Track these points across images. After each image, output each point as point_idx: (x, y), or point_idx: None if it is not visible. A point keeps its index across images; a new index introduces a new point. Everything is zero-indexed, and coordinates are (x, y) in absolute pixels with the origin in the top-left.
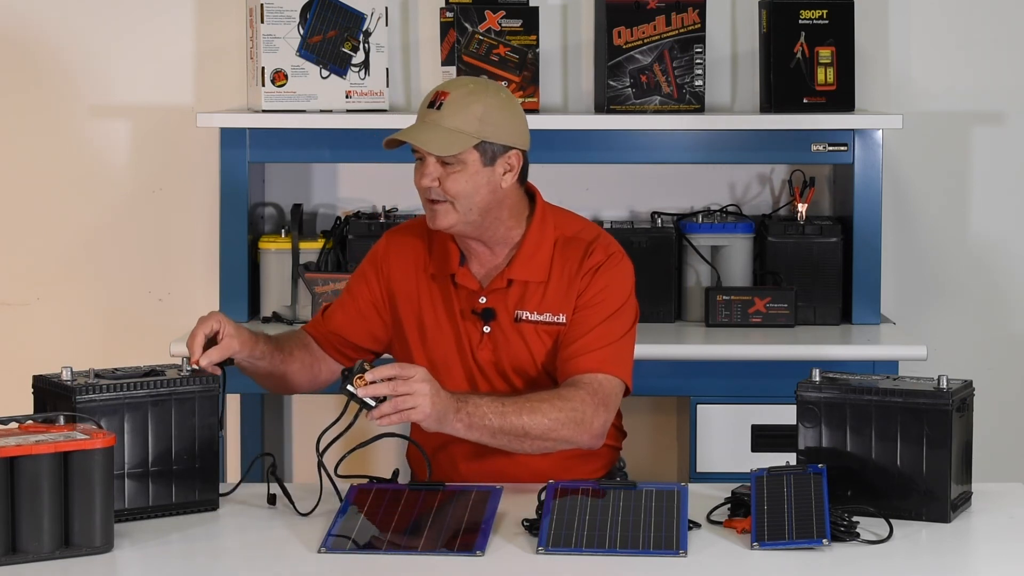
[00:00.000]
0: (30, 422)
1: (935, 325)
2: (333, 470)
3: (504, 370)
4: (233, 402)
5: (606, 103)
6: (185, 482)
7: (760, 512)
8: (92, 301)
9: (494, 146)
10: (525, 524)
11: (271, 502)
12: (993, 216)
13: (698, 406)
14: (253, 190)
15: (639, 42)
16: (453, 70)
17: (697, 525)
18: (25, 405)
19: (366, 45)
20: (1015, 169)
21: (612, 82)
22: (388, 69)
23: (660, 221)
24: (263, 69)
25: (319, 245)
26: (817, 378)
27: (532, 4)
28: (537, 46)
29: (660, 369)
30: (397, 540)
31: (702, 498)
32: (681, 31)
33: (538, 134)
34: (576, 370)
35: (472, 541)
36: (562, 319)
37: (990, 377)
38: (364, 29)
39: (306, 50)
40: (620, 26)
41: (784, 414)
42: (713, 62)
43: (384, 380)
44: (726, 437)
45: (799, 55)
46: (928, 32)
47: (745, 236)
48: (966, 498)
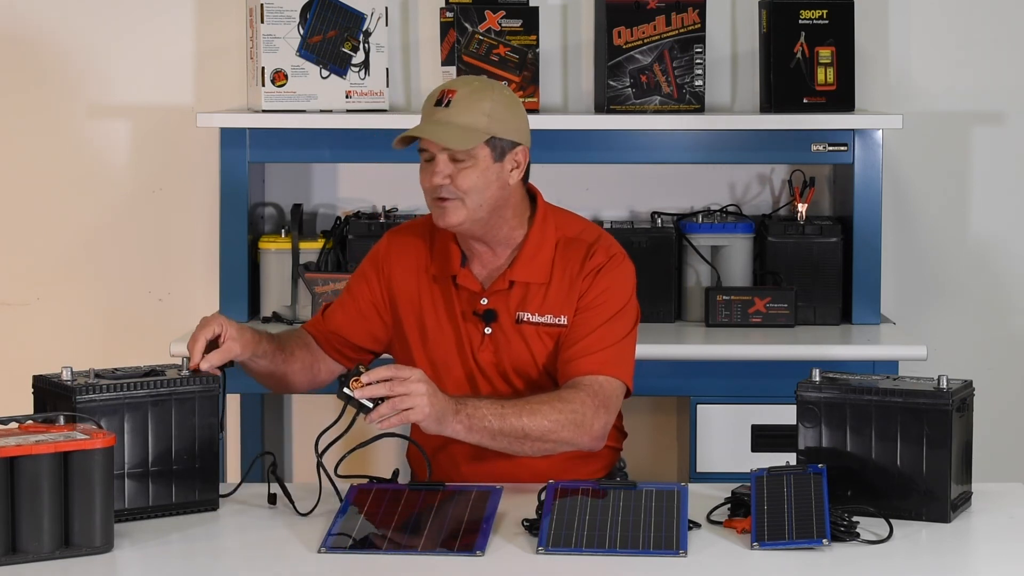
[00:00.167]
0: (30, 422)
1: (935, 325)
2: (333, 470)
3: (505, 371)
4: (233, 402)
5: (606, 103)
6: (185, 482)
7: (760, 512)
8: (92, 301)
9: (503, 142)
10: (525, 524)
11: (271, 501)
12: (993, 216)
13: (698, 406)
14: (253, 190)
15: (639, 42)
16: (453, 70)
17: (697, 525)
18: (25, 405)
19: (366, 45)
20: (1015, 169)
21: (612, 82)
22: (388, 69)
23: (660, 221)
24: (263, 69)
25: (319, 245)
26: (817, 378)
27: (532, 4)
28: (537, 46)
29: (660, 369)
30: (397, 540)
31: (702, 498)
32: (681, 31)
33: (538, 134)
34: (577, 372)
35: (472, 541)
36: (563, 321)
37: (990, 377)
38: (364, 29)
39: (306, 50)
40: (620, 26)
41: (784, 414)
42: (713, 62)
43: (381, 381)
44: (726, 437)
45: (799, 55)
46: (928, 32)
47: (745, 236)
48: (966, 498)
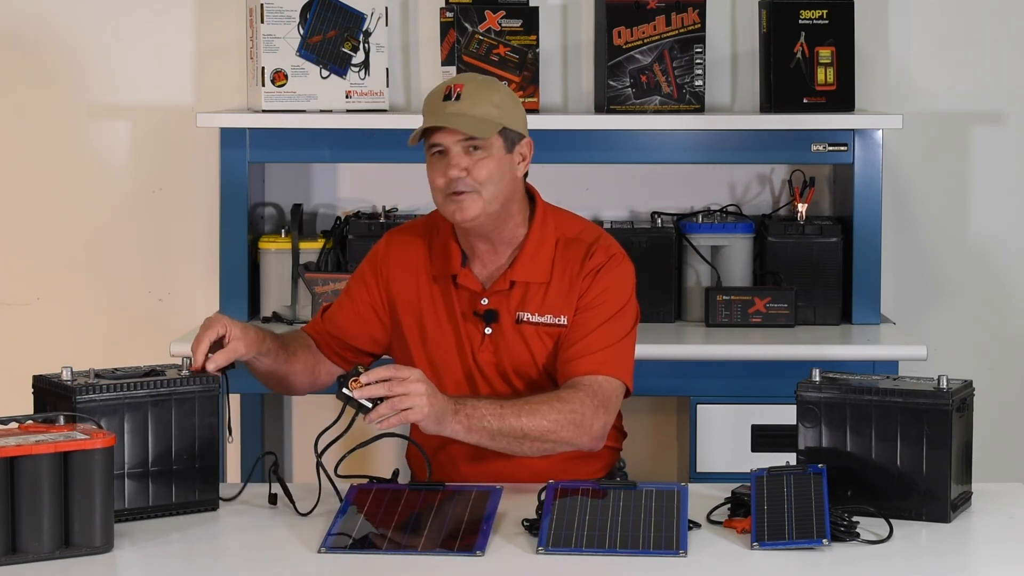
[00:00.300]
0: (30, 422)
1: (935, 325)
2: (333, 470)
3: (505, 372)
4: (233, 402)
5: (606, 103)
6: (185, 482)
7: (760, 512)
8: (92, 301)
9: (512, 133)
10: (525, 524)
11: (272, 501)
12: (993, 216)
13: (698, 406)
14: (253, 190)
15: (639, 42)
16: (453, 70)
17: (697, 525)
18: (25, 405)
19: (366, 45)
20: (1015, 169)
21: (612, 82)
22: (388, 69)
23: (660, 221)
24: (263, 69)
25: (319, 245)
26: (817, 378)
27: (532, 4)
28: (537, 46)
29: (660, 369)
30: (397, 540)
31: (702, 498)
32: (681, 31)
33: (538, 134)
34: (576, 372)
35: (472, 541)
36: (563, 321)
37: (990, 377)
38: (364, 29)
39: (306, 50)
40: (620, 26)
41: (784, 414)
42: (713, 62)
43: (380, 382)
44: (726, 437)
45: (799, 55)
46: (928, 32)
47: (745, 236)
48: (966, 498)
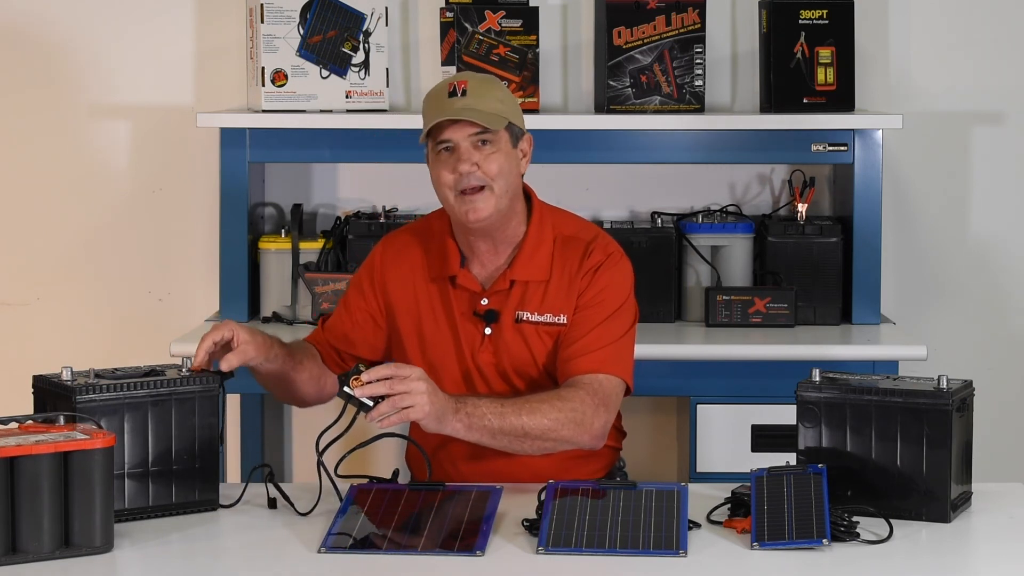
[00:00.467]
0: (30, 422)
1: (935, 325)
2: (333, 470)
3: (504, 371)
4: (233, 402)
5: (606, 103)
6: (185, 482)
7: (760, 512)
8: (92, 301)
9: (516, 128)
10: (525, 524)
11: (272, 506)
12: (993, 216)
13: (698, 406)
14: (253, 190)
15: (639, 42)
16: (453, 70)
17: (697, 525)
18: (25, 405)
19: (366, 45)
20: (1015, 169)
21: (612, 82)
22: (388, 69)
23: (660, 221)
24: (263, 69)
25: (319, 245)
26: (817, 378)
27: (532, 4)
28: (537, 46)
29: (660, 369)
30: (397, 540)
31: (702, 498)
32: (681, 31)
33: (538, 134)
34: (576, 370)
35: (472, 541)
36: (563, 320)
37: (990, 377)
38: (364, 29)
39: (306, 50)
40: (620, 26)
41: (784, 414)
42: (713, 62)
43: (381, 380)
44: (726, 437)
45: (799, 55)
46: (928, 32)
47: (745, 236)
48: (966, 498)
